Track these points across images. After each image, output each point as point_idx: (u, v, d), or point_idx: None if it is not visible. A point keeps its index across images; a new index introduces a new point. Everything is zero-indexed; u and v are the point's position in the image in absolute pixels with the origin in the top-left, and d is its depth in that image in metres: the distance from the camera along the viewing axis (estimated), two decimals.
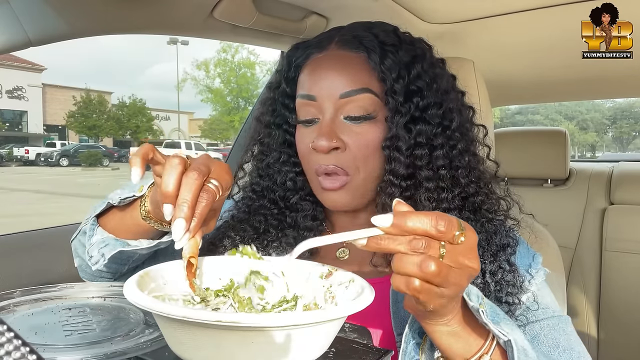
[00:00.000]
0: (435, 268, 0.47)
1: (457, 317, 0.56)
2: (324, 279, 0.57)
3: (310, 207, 0.86)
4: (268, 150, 0.89)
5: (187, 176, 0.55)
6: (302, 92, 0.81)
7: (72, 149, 28.14)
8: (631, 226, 1.87)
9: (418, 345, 0.63)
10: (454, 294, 0.51)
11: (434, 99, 0.77)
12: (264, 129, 0.89)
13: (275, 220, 0.86)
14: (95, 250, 0.78)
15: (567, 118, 51.92)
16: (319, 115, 0.79)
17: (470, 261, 0.50)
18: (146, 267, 0.87)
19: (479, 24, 1.32)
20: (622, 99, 39.48)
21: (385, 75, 0.76)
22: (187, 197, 0.54)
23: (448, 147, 0.77)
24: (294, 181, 0.86)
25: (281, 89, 0.87)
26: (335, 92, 0.77)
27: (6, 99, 34.30)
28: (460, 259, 0.49)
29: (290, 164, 0.87)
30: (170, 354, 0.47)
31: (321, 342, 0.47)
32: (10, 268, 1.00)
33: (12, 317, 0.58)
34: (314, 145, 0.77)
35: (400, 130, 0.74)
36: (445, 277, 0.48)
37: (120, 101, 37.86)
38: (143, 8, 0.93)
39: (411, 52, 0.79)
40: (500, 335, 0.55)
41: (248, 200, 0.89)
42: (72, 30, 0.88)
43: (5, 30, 0.80)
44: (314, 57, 0.82)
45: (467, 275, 0.51)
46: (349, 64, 0.78)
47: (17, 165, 27.48)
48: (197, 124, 42.82)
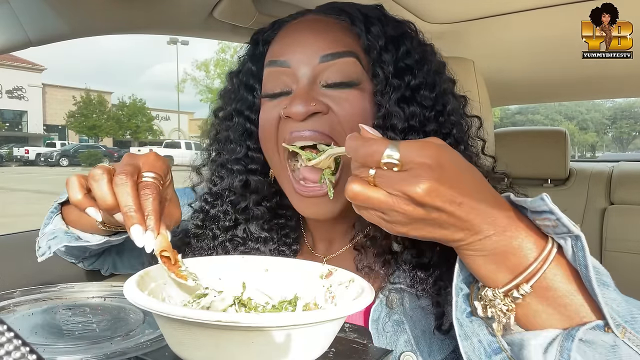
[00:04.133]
0: (357, 189, 0.45)
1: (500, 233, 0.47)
2: (324, 279, 0.57)
3: (265, 214, 0.74)
4: (224, 146, 0.77)
5: (115, 183, 0.53)
6: (272, 58, 0.70)
7: (72, 149, 28.13)
8: (631, 226, 1.87)
9: (467, 296, 0.55)
10: (400, 220, 0.46)
11: (425, 79, 0.68)
12: (222, 122, 0.79)
13: (227, 235, 0.76)
14: (44, 241, 0.75)
15: (567, 118, 51.89)
16: (293, 84, 0.67)
17: (409, 184, 0.43)
18: (107, 257, 0.89)
19: (479, 24, 1.32)
20: (622, 99, 39.50)
21: (371, 44, 0.66)
22: (127, 202, 0.52)
23: (441, 134, 0.67)
24: (244, 182, 0.74)
25: (245, 69, 0.76)
26: (314, 56, 0.66)
27: (6, 99, 34.32)
28: (393, 184, 0.44)
29: (247, 160, 0.75)
30: (170, 353, 0.47)
31: (321, 342, 0.47)
32: (10, 268, 1.00)
33: (12, 317, 0.58)
34: (287, 111, 0.65)
35: (393, 106, 0.65)
36: (374, 201, 0.45)
37: (120, 101, 37.89)
38: (143, 8, 0.93)
39: (398, 28, 0.71)
40: (569, 225, 0.47)
41: (201, 211, 0.79)
42: (72, 30, 0.88)
43: (5, 30, 0.79)
44: (287, 25, 0.72)
45: (405, 201, 0.44)
46: (329, 26, 0.68)
47: (17, 165, 27.48)
48: (197, 124, 42.76)
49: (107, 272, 0.95)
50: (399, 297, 0.67)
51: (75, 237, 0.74)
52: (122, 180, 0.53)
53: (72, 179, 0.58)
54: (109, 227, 0.69)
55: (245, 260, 0.61)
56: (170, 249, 0.54)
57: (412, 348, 0.65)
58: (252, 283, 0.59)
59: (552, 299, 0.48)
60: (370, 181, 0.45)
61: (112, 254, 0.89)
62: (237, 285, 0.58)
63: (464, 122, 0.73)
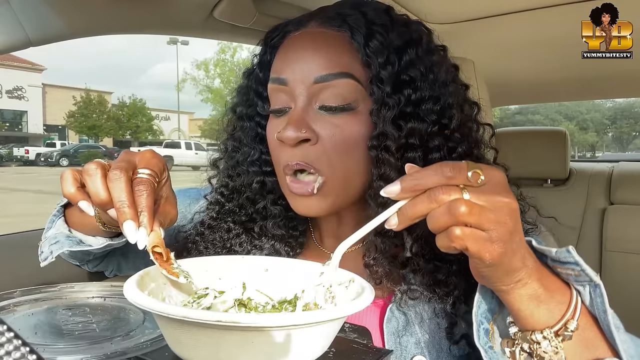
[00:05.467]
0: (465, 207, 0.44)
1: (534, 275, 0.50)
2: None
3: (282, 214, 0.76)
4: (239, 146, 0.78)
5: (110, 178, 0.52)
6: (274, 75, 0.70)
7: (72, 149, 28.10)
8: (631, 226, 1.87)
9: (487, 332, 0.55)
10: (503, 236, 0.46)
11: (429, 92, 0.66)
12: (237, 122, 0.79)
13: (242, 228, 0.77)
14: (46, 245, 0.74)
15: (567, 118, 51.88)
16: (291, 103, 0.68)
17: (502, 196, 0.46)
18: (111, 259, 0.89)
19: (479, 24, 1.32)
20: (622, 99, 39.49)
21: (370, 60, 0.64)
22: (120, 197, 0.51)
23: (446, 149, 0.66)
24: (261, 183, 0.76)
25: (254, 74, 0.76)
26: (309, 76, 0.65)
27: (6, 99, 34.32)
28: (489, 196, 0.45)
29: (261, 162, 0.76)
30: (170, 353, 0.47)
31: (321, 342, 0.47)
32: (10, 268, 1.00)
33: (12, 317, 0.58)
34: (280, 135, 0.65)
35: (387, 126, 0.63)
36: (481, 215, 0.45)
37: (120, 101, 37.92)
38: (143, 8, 0.93)
39: (404, 35, 0.68)
40: (592, 275, 0.49)
41: (216, 204, 0.80)
42: (72, 30, 0.88)
43: (5, 30, 0.79)
44: (289, 37, 0.71)
45: (507, 211, 0.46)
46: (327, 43, 0.66)
47: (17, 165, 27.47)
48: (197, 124, 42.83)
49: (112, 274, 0.95)
50: (412, 298, 0.66)
51: (77, 241, 0.74)
52: (117, 176, 0.52)
53: (66, 172, 0.57)
54: (110, 227, 0.68)
55: (245, 260, 0.61)
56: (162, 246, 0.53)
57: (421, 351, 0.65)
58: (252, 283, 0.59)
59: (585, 340, 0.51)
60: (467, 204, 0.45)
61: (116, 255, 0.88)
62: (237, 285, 0.58)
63: (474, 132, 0.71)
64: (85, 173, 0.54)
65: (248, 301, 0.57)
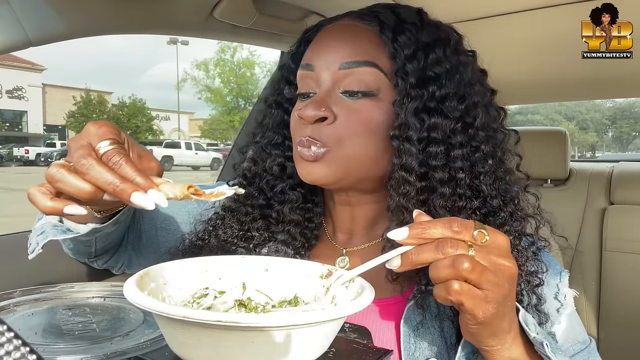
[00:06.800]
0: (469, 264, 0.46)
1: (517, 341, 0.54)
2: (324, 279, 0.57)
3: (299, 199, 0.78)
4: (265, 131, 0.81)
5: (82, 171, 0.48)
6: (303, 62, 0.73)
7: None
8: (631, 226, 1.87)
9: None
10: (498, 297, 0.49)
11: (454, 90, 0.67)
12: (267, 110, 0.83)
13: (260, 213, 0.78)
14: (34, 237, 0.72)
15: (567, 118, 51.91)
16: (316, 88, 0.71)
17: (504, 259, 0.49)
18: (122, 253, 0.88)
19: (479, 23, 1.32)
20: (622, 99, 39.52)
21: (396, 52, 0.67)
22: (107, 179, 0.47)
23: (470, 148, 0.67)
24: (282, 166, 0.78)
25: (287, 65, 0.80)
26: (335, 62, 0.68)
27: (6, 99, 34.31)
28: (492, 257, 0.48)
29: (284, 147, 0.79)
30: (170, 353, 0.47)
31: (321, 342, 0.47)
32: (10, 268, 1.00)
33: (12, 317, 0.58)
34: (300, 112, 0.68)
35: (410, 117, 0.65)
36: (482, 275, 0.47)
37: (120, 101, 37.86)
38: (143, 8, 0.94)
39: (433, 34, 0.70)
40: None
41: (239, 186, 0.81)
42: (72, 30, 0.88)
43: (5, 30, 0.79)
44: (323, 29, 0.75)
45: (506, 275, 0.49)
46: (355, 34, 0.69)
47: (17, 165, 27.47)
48: (197, 124, 42.84)
49: (120, 270, 0.92)
50: (430, 300, 0.66)
51: (62, 230, 0.71)
52: (88, 163, 0.48)
53: (31, 190, 0.51)
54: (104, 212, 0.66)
55: (245, 260, 0.61)
56: (186, 185, 0.50)
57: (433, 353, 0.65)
58: (252, 283, 0.59)
59: None
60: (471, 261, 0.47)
61: (127, 250, 0.88)
62: (237, 285, 0.58)
63: (499, 136, 0.72)
64: (53, 180, 0.50)
65: (248, 301, 0.57)
